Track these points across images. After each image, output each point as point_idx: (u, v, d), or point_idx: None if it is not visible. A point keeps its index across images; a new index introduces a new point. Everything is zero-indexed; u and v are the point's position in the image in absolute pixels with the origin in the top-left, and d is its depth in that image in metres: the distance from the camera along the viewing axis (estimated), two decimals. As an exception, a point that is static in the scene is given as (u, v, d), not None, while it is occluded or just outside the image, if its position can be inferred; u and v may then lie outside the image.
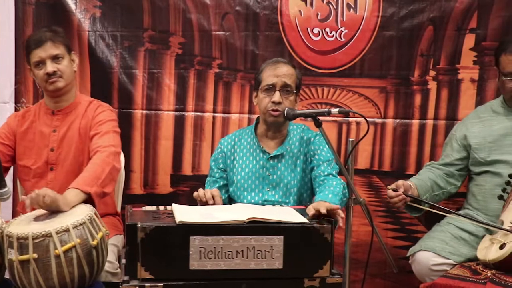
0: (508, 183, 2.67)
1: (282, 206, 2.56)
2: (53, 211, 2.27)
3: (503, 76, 2.77)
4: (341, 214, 2.23)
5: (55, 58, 2.72)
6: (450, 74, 3.23)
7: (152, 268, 2.06)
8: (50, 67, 2.69)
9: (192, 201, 2.59)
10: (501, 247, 2.44)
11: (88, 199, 2.41)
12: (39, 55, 2.70)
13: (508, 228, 2.48)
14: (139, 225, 2.04)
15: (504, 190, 2.68)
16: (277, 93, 2.64)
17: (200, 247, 2.06)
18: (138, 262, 2.05)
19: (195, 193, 2.56)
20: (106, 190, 2.49)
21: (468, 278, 2.43)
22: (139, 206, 2.44)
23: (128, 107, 3.38)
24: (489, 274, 2.43)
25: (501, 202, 2.67)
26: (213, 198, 2.51)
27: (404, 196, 2.68)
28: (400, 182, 2.73)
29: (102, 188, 2.45)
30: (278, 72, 2.67)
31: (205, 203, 2.51)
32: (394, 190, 2.69)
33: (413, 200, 2.73)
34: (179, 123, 3.40)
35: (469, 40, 3.17)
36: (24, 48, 2.84)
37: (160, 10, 3.31)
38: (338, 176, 2.64)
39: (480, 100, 3.18)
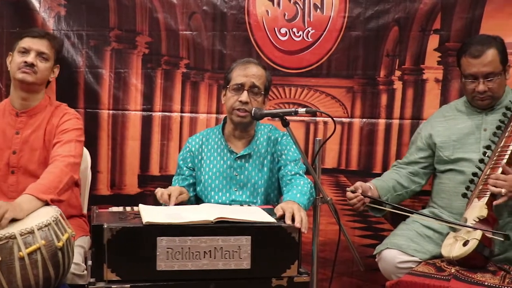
0: (471, 181, 2.72)
1: (250, 206, 2.57)
2: None
3: (464, 78, 2.82)
4: (303, 224, 2.21)
5: (40, 55, 2.71)
6: (415, 74, 3.27)
7: (119, 269, 2.04)
8: (31, 58, 2.68)
9: (159, 202, 2.58)
10: (465, 244, 2.48)
11: None
12: (29, 43, 2.69)
13: (471, 225, 2.53)
14: (105, 226, 2.02)
15: (468, 188, 2.72)
16: (245, 93, 2.64)
17: (168, 248, 2.05)
18: (104, 263, 2.03)
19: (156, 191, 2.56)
20: (62, 198, 2.46)
21: (432, 275, 2.46)
22: (106, 207, 2.42)
23: (94, 107, 3.34)
24: (453, 271, 2.47)
25: (465, 200, 2.71)
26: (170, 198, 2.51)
27: (362, 197, 2.72)
28: (358, 183, 2.77)
29: (59, 196, 2.42)
30: (247, 72, 2.67)
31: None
32: (353, 192, 2.73)
33: (373, 201, 2.76)
34: (147, 123, 3.37)
35: (433, 41, 3.21)
36: (16, 34, 2.84)
37: (126, 9, 3.28)
38: (305, 176, 2.65)
39: (444, 99, 3.22)
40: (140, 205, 2.32)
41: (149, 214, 2.15)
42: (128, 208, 2.38)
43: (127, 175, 3.40)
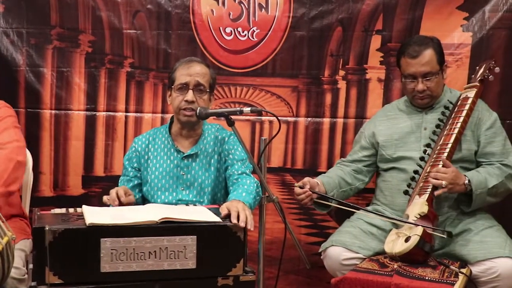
0: (412, 178, 2.79)
1: (196, 205, 2.56)
2: None
3: (403, 78, 2.88)
4: (248, 222, 2.22)
5: None
6: (359, 73, 3.30)
7: (62, 272, 2.00)
8: None
9: (104, 203, 2.54)
10: (406, 240, 2.54)
11: None
12: None
13: (413, 221, 2.59)
14: (47, 228, 1.98)
15: (409, 185, 2.78)
16: (190, 92, 2.63)
17: (112, 249, 2.03)
18: (46, 266, 1.99)
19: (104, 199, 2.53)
20: (11, 189, 2.40)
21: (376, 271, 2.51)
22: (48, 208, 2.38)
23: (36, 106, 3.28)
24: (395, 267, 2.52)
25: (406, 197, 2.77)
26: (119, 198, 2.49)
27: (310, 193, 2.72)
28: (306, 179, 2.77)
29: (6, 188, 2.36)
30: (191, 71, 2.66)
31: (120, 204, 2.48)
32: (301, 187, 2.74)
33: (320, 197, 2.78)
34: (90, 123, 3.33)
35: (376, 41, 3.26)
36: None
37: (68, 7, 3.22)
38: (251, 175, 2.67)
39: (387, 99, 3.27)
40: (84, 206, 2.28)
41: (93, 215, 2.12)
42: (71, 210, 2.34)
43: (71, 176, 3.34)
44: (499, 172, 2.74)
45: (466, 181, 2.66)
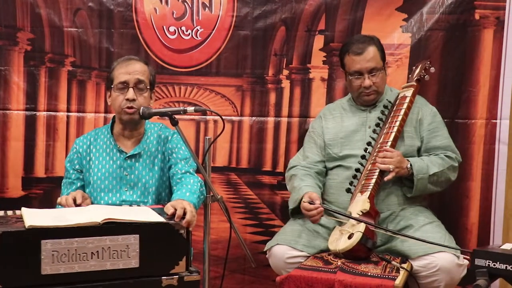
0: (354, 176, 2.83)
1: (140, 206, 2.54)
2: None
3: (349, 76, 2.93)
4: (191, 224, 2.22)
5: None
6: (302, 73, 3.35)
7: (0, 276, 1.94)
8: None
9: (46, 205, 2.49)
10: (349, 237, 2.58)
11: None
12: None
13: (359, 218, 2.62)
14: (-16, 232, 1.92)
15: (351, 183, 2.82)
16: (131, 90, 2.60)
17: (53, 251, 1.98)
18: (-17, 271, 1.93)
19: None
20: None
21: (320, 268, 2.53)
22: (-14, 211, 2.31)
23: (-28, 106, 3.20)
24: (339, 263, 2.55)
25: (349, 195, 2.81)
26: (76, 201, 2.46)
27: (322, 208, 2.66)
28: (314, 195, 2.70)
29: None
30: (130, 69, 2.63)
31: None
32: (311, 203, 2.66)
33: (329, 211, 2.74)
34: (30, 123, 3.26)
35: (319, 41, 3.31)
36: None
37: (5, 4, 3.15)
38: (195, 174, 2.66)
39: (330, 98, 3.32)
40: (23, 208, 2.23)
41: (32, 217, 2.07)
42: (9, 212, 2.28)
43: (10, 177, 3.27)
44: (442, 161, 2.82)
45: (408, 165, 2.73)
